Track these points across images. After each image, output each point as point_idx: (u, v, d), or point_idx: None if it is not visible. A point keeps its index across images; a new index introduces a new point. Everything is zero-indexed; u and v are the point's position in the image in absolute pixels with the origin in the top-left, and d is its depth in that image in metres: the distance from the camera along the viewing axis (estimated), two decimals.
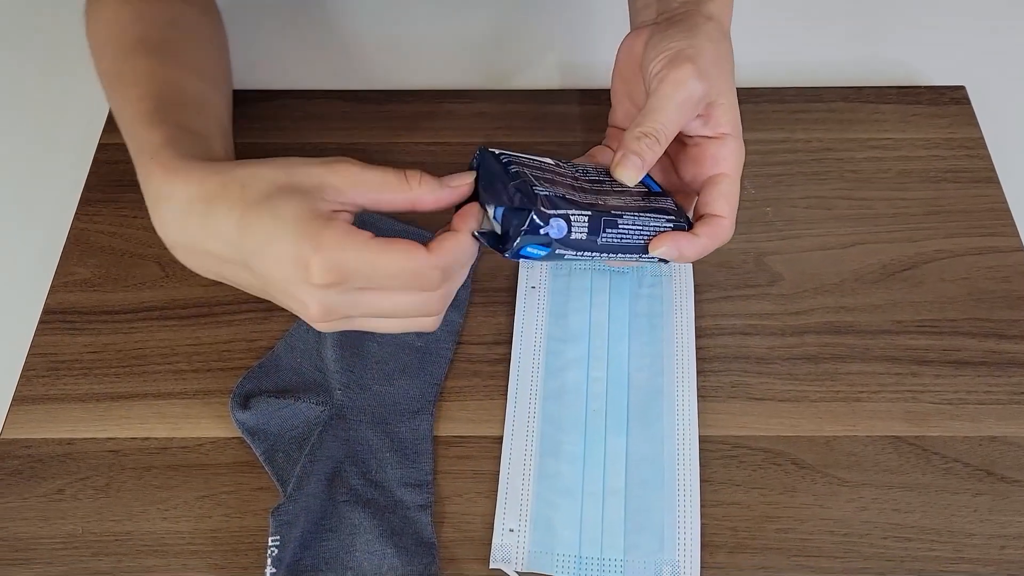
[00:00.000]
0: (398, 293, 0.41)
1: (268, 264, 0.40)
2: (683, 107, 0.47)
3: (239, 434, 0.55)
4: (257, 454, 0.54)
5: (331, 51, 0.76)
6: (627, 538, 0.51)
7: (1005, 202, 0.66)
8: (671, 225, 0.47)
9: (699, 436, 0.55)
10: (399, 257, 0.40)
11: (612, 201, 0.47)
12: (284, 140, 0.69)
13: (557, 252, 0.44)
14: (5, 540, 0.53)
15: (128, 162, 0.48)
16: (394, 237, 0.40)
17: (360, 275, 0.40)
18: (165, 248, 0.64)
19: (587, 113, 0.72)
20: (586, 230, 0.44)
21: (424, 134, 0.70)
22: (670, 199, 0.50)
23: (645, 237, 0.47)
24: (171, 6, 0.55)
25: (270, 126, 0.70)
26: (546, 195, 0.43)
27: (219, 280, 0.45)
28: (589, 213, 0.44)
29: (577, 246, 0.44)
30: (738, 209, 0.49)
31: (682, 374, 0.57)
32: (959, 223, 0.65)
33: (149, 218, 0.65)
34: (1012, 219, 0.65)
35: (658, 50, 0.48)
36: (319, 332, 0.58)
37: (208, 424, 0.56)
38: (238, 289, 0.61)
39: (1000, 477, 0.54)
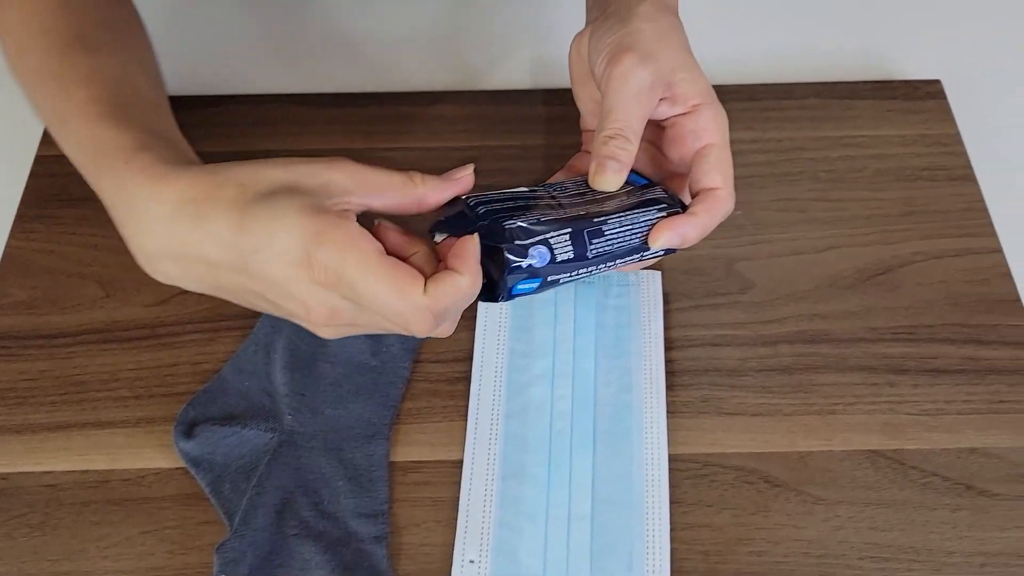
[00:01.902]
0: (388, 323, 0.40)
1: (269, 262, 0.37)
2: (639, 98, 0.45)
3: (184, 464, 0.52)
4: (202, 486, 0.51)
5: (281, 51, 0.73)
6: (594, 563, 0.49)
7: (982, 200, 0.64)
8: (663, 214, 0.45)
9: (668, 455, 0.53)
10: (392, 294, 0.38)
11: (597, 208, 0.44)
12: (231, 148, 0.66)
13: (550, 280, 0.42)
14: None
15: (68, 175, 0.44)
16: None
17: (351, 290, 0.38)
18: (106, 267, 0.62)
19: (554, 114, 0.69)
20: (570, 248, 0.42)
21: (382, 139, 0.67)
22: (658, 187, 0.48)
23: (640, 234, 0.45)
24: None
25: (216, 133, 0.67)
26: (518, 226, 0.41)
27: (210, 292, 0.41)
28: (569, 230, 0.42)
29: (568, 267, 0.42)
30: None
31: (650, 389, 0.55)
32: (935, 223, 0.63)
33: (88, 236, 0.63)
34: (989, 218, 0.63)
35: (598, 48, 0.46)
36: (268, 353, 0.55)
37: (151, 454, 0.53)
38: (182, 310, 0.59)
39: (979, 491, 0.52)
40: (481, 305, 0.58)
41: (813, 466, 0.53)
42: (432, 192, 0.41)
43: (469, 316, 0.58)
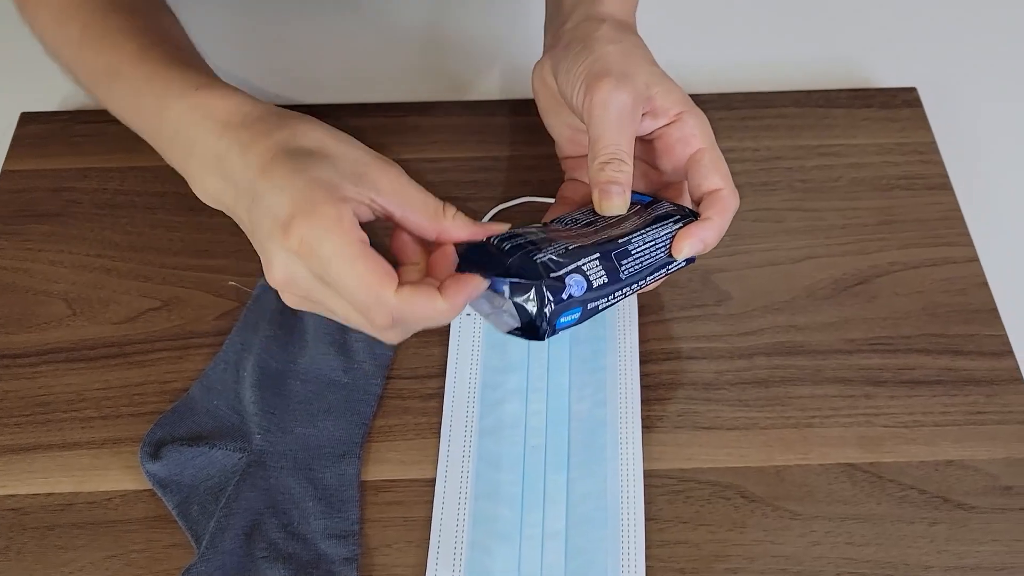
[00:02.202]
0: (349, 309, 0.40)
1: (261, 212, 0.39)
2: (623, 120, 0.46)
3: (151, 486, 0.51)
4: (170, 508, 0.50)
5: (254, 63, 0.72)
6: None
7: (958, 209, 0.64)
8: (679, 225, 0.46)
9: (644, 471, 0.52)
10: (359, 281, 0.38)
11: (616, 232, 0.45)
12: None
13: (589, 308, 0.43)
14: None
15: (35, 190, 0.44)
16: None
17: (321, 267, 0.38)
18: (73, 284, 0.61)
19: (523, 124, 0.68)
20: (603, 273, 0.43)
21: None
22: (664, 202, 0.48)
23: (663, 248, 0.46)
24: None
25: None
26: (549, 259, 0.42)
27: (217, 206, 0.44)
28: (598, 254, 0.43)
29: (604, 292, 0.43)
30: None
31: (625, 404, 0.54)
32: (912, 233, 0.62)
33: (54, 252, 0.62)
34: (966, 227, 0.63)
35: (569, 79, 0.46)
36: (237, 371, 0.55)
37: (117, 476, 0.52)
38: (151, 327, 0.58)
39: (957, 504, 0.51)
40: (455, 320, 0.57)
41: (790, 480, 0.52)
42: (456, 230, 0.42)
43: (443, 331, 0.57)
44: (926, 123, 0.68)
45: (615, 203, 0.46)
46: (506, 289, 0.41)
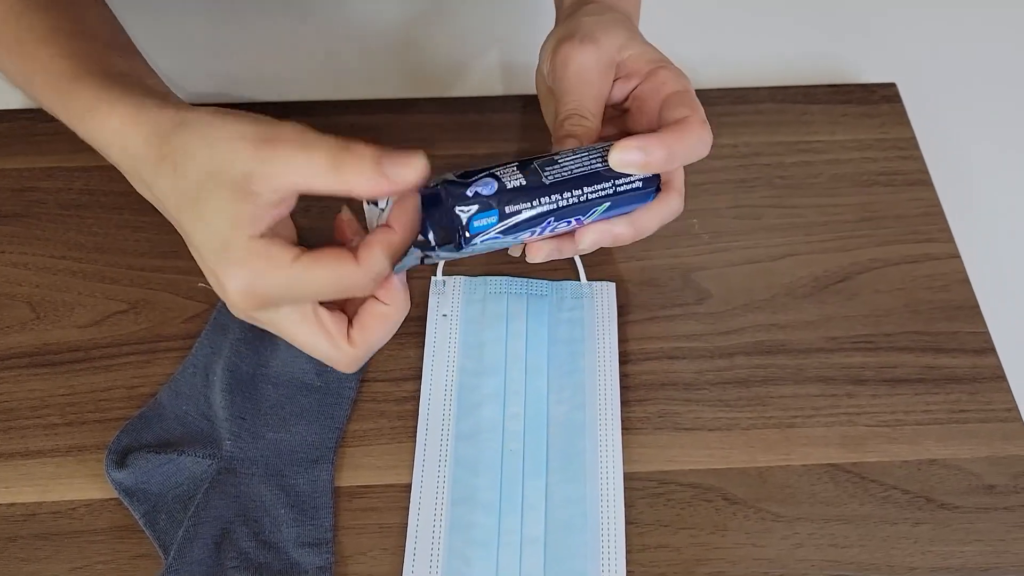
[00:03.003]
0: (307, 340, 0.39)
1: (195, 247, 0.38)
2: (585, 77, 0.44)
3: (117, 495, 0.50)
4: (137, 517, 0.49)
5: (246, 59, 0.70)
6: None
7: (939, 205, 0.63)
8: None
9: (624, 473, 0.51)
10: (320, 346, 0.38)
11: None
12: None
13: (509, 212, 0.39)
14: None
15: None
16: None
17: (282, 298, 0.37)
18: (37, 287, 0.59)
19: (526, 121, 0.67)
20: (520, 176, 0.39)
21: None
22: None
23: (599, 158, 0.41)
24: None
25: None
26: (457, 175, 0.39)
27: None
28: (516, 162, 0.40)
29: (525, 195, 0.39)
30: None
31: (605, 406, 0.53)
32: (893, 229, 0.62)
33: (18, 254, 0.60)
34: (947, 223, 0.62)
35: (544, 51, 0.46)
36: (207, 375, 0.53)
37: (82, 484, 0.50)
38: (117, 331, 0.57)
39: (940, 504, 0.51)
40: (431, 321, 0.56)
41: (772, 482, 0.52)
42: (362, 184, 0.35)
43: (418, 332, 0.56)
44: (906, 119, 0.68)
45: None
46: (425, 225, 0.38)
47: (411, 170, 0.35)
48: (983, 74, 0.73)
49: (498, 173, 0.39)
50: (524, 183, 0.39)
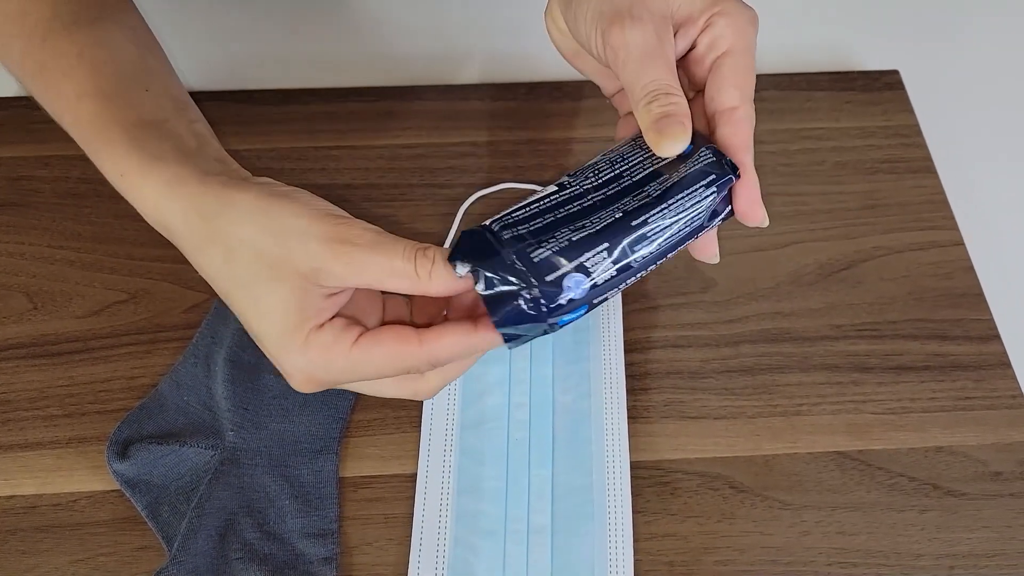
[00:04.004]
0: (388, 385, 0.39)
1: (250, 331, 0.38)
2: (649, 55, 0.38)
3: (118, 487, 0.49)
4: (139, 509, 0.48)
5: (219, 46, 0.69)
6: None
7: (943, 192, 0.63)
8: (713, 191, 0.39)
9: (630, 462, 0.51)
10: (385, 363, 0.37)
11: (636, 203, 0.38)
12: None
13: (596, 302, 0.37)
14: None
15: None
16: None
17: (342, 381, 0.37)
18: (34, 277, 0.59)
19: (502, 109, 0.67)
20: (611, 266, 0.37)
21: (326, 137, 0.65)
22: (707, 149, 0.39)
23: (692, 223, 0.38)
24: None
25: None
26: (545, 257, 0.36)
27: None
28: (606, 245, 0.37)
29: (613, 283, 0.37)
30: None
31: (610, 394, 0.53)
32: (897, 217, 0.62)
33: (14, 244, 0.59)
34: (951, 211, 0.62)
35: (580, 25, 0.40)
36: (208, 365, 0.52)
37: (83, 476, 0.50)
38: (117, 321, 0.56)
39: (947, 491, 0.51)
40: None
41: (778, 470, 0.51)
42: (440, 287, 0.36)
43: None
44: (909, 106, 0.67)
45: (678, 137, 0.37)
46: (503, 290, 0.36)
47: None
48: (986, 61, 0.73)
49: (588, 263, 0.36)
50: (615, 274, 0.37)
